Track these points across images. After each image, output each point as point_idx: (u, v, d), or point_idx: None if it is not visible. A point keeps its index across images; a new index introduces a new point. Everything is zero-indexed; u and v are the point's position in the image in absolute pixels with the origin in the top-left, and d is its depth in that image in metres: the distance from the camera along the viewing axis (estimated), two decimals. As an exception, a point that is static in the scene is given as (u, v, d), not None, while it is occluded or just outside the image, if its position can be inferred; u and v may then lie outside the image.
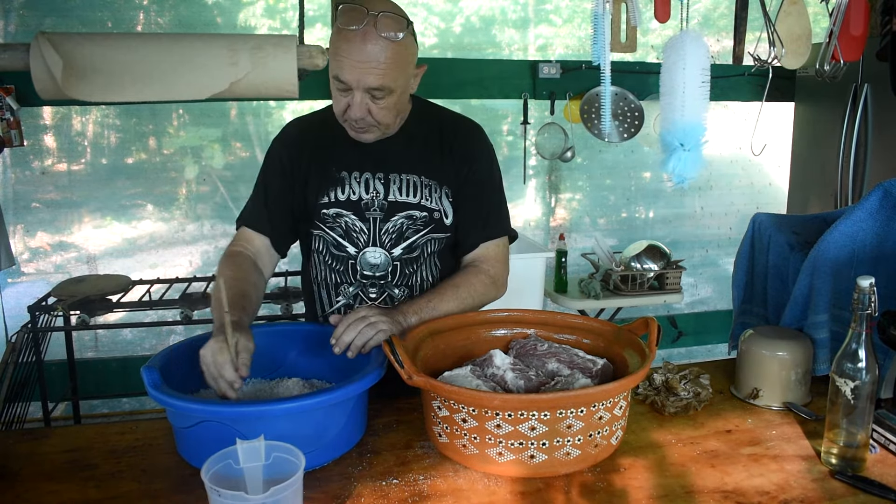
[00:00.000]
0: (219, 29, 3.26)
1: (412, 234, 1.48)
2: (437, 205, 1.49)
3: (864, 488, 1.11)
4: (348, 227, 1.48)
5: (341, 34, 1.31)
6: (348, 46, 1.30)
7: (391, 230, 1.47)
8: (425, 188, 1.49)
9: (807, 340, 1.44)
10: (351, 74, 1.31)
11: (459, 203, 1.52)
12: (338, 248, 1.49)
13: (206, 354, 1.18)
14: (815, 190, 3.55)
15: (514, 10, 3.61)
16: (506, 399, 1.08)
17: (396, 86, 1.36)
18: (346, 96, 1.36)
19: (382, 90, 1.34)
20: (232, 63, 2.39)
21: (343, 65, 1.31)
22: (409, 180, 1.48)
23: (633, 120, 3.55)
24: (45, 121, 3.19)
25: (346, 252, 1.49)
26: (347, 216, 1.47)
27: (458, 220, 1.52)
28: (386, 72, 1.32)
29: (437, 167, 1.50)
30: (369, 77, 1.31)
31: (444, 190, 1.50)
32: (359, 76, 1.31)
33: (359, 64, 1.30)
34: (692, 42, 1.78)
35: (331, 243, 1.50)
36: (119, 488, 1.11)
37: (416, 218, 1.48)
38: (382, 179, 1.48)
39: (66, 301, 2.67)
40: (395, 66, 1.33)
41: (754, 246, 1.77)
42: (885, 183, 1.42)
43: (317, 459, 1.14)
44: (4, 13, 3.01)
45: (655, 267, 3.39)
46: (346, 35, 1.30)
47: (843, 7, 2.35)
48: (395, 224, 1.47)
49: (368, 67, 1.30)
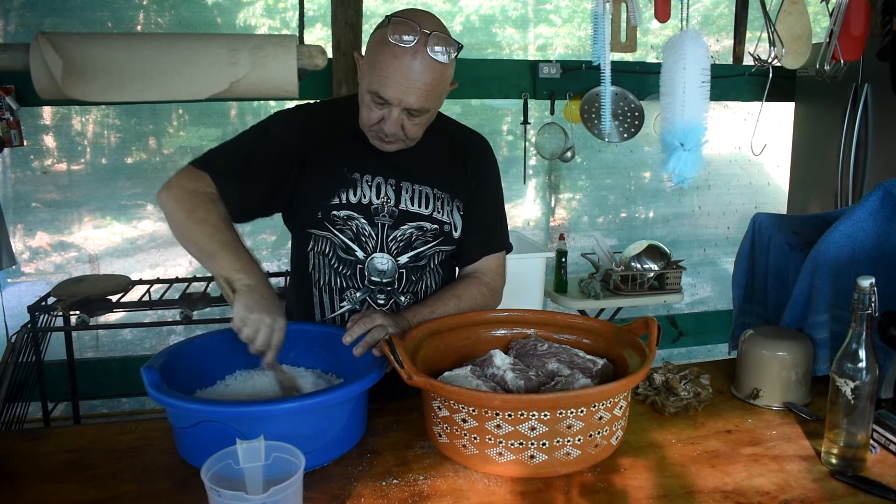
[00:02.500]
0: (219, 29, 3.26)
1: (420, 245, 1.46)
2: (449, 218, 1.48)
3: (864, 488, 1.11)
4: (358, 231, 1.43)
5: (388, 48, 1.25)
6: (395, 63, 1.25)
7: (399, 238, 1.45)
8: (438, 200, 1.47)
9: (807, 340, 1.44)
10: (394, 93, 1.27)
11: (466, 216, 1.52)
12: (346, 251, 1.44)
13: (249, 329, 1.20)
14: (815, 190, 3.55)
15: (514, 7, 3.61)
16: (506, 399, 1.08)
17: (433, 106, 1.34)
18: (381, 109, 1.32)
19: (421, 111, 1.31)
20: (232, 63, 2.39)
21: (387, 82, 1.26)
22: (421, 191, 1.46)
23: (633, 120, 3.55)
24: (45, 121, 3.19)
25: (354, 256, 1.44)
26: (358, 219, 1.43)
27: (463, 231, 1.52)
28: (429, 93, 1.29)
29: (450, 180, 1.49)
30: (411, 97, 1.28)
31: (456, 203, 1.50)
32: (402, 95, 1.27)
33: (404, 82, 1.26)
34: (692, 42, 1.78)
35: (339, 246, 1.45)
36: (119, 488, 1.10)
37: (427, 230, 1.46)
38: (394, 186, 1.45)
39: (66, 301, 2.67)
40: (438, 88, 1.31)
41: (754, 246, 1.77)
42: (886, 183, 1.42)
43: (317, 459, 1.14)
44: (4, 13, 3.01)
45: (655, 267, 3.39)
46: (395, 51, 1.25)
47: (843, 7, 2.35)
48: (404, 233, 1.45)
49: (413, 87, 1.27)
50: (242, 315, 1.20)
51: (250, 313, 1.20)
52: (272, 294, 1.26)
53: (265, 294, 1.24)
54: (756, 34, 2.48)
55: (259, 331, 1.21)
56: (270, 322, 1.21)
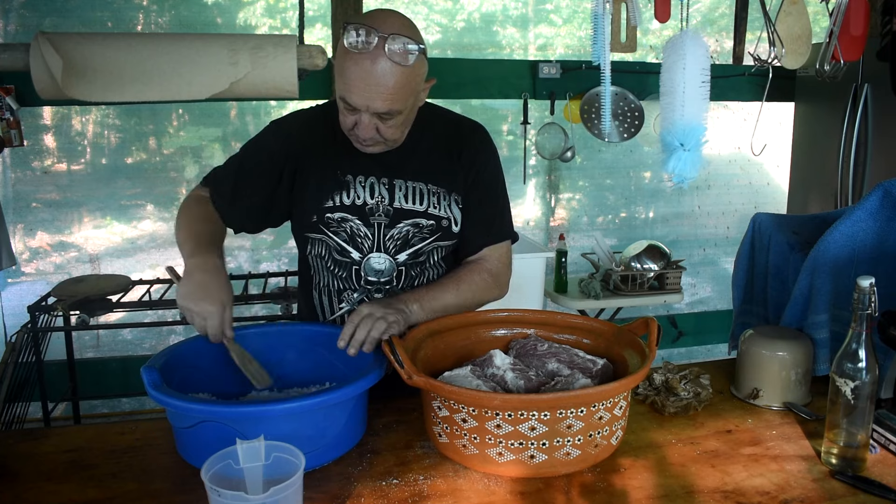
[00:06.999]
0: (219, 29, 3.26)
1: (418, 242, 1.46)
2: (446, 212, 1.47)
3: (864, 488, 1.11)
4: (353, 232, 1.43)
5: (349, 55, 1.23)
6: (356, 69, 1.23)
7: (396, 237, 1.44)
8: (433, 196, 1.46)
9: (807, 340, 1.44)
10: (359, 99, 1.25)
11: (465, 207, 1.50)
12: (341, 253, 1.45)
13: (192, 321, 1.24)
14: (815, 190, 3.55)
15: (514, 6, 3.62)
16: (506, 399, 1.08)
17: (405, 107, 1.31)
18: (352, 115, 1.31)
19: (391, 113, 1.29)
20: (232, 63, 2.39)
21: (351, 88, 1.25)
22: (415, 187, 1.45)
23: (633, 120, 3.55)
24: (45, 121, 3.19)
25: (349, 258, 1.45)
26: (353, 221, 1.43)
27: (463, 223, 1.50)
28: (395, 96, 1.26)
29: (445, 174, 1.47)
30: (377, 102, 1.26)
31: (454, 197, 1.48)
32: (367, 101, 1.26)
33: (367, 87, 1.24)
34: (692, 42, 1.79)
35: (334, 248, 1.45)
36: (119, 488, 1.10)
37: (423, 226, 1.45)
38: (387, 185, 1.44)
39: (66, 301, 2.67)
40: (405, 90, 1.27)
41: (754, 246, 1.77)
42: (885, 183, 1.42)
43: (317, 459, 1.14)
44: (4, 13, 3.01)
45: (655, 267, 3.39)
46: (355, 57, 1.23)
47: (843, 7, 2.35)
48: (401, 231, 1.44)
49: (377, 92, 1.25)
50: (180, 304, 1.25)
51: (185, 302, 1.24)
52: (213, 277, 1.27)
53: (201, 280, 1.26)
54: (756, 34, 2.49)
55: (195, 322, 1.25)
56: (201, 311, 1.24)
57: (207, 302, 1.23)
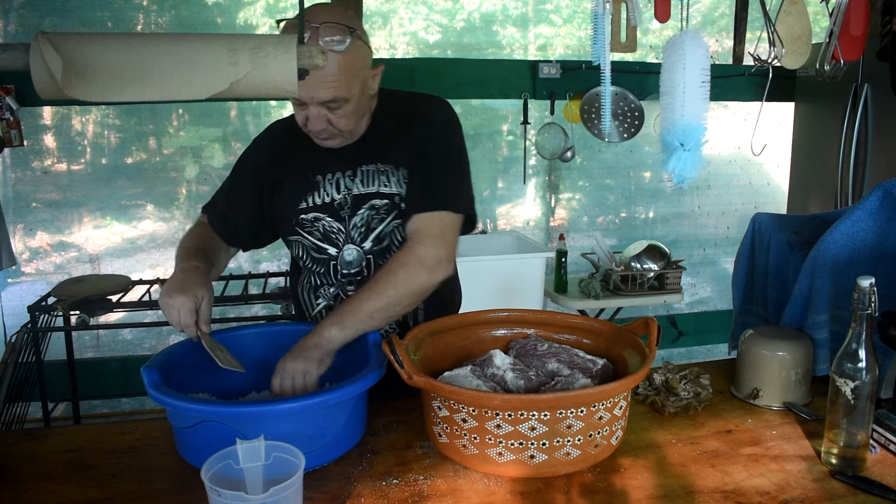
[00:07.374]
0: (219, 29, 3.26)
1: (378, 224, 1.46)
2: (396, 188, 1.44)
3: (864, 488, 1.11)
4: (326, 230, 1.47)
5: None
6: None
7: (359, 224, 1.46)
8: (382, 174, 1.45)
9: (807, 340, 1.44)
10: (302, 91, 1.27)
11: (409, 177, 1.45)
12: (317, 251, 1.49)
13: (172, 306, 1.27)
14: (815, 190, 3.55)
15: (514, 6, 3.62)
16: (506, 399, 1.08)
17: (351, 94, 1.33)
18: (303, 110, 1.35)
19: (336, 101, 1.32)
20: (232, 63, 2.38)
21: None
22: (368, 170, 1.46)
23: (633, 120, 3.55)
24: (45, 121, 3.19)
25: (326, 254, 1.48)
26: (325, 219, 1.47)
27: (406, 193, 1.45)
28: (336, 83, 1.30)
29: (395, 150, 1.45)
30: (320, 91, 1.29)
31: (402, 172, 1.45)
32: (309, 91, 1.29)
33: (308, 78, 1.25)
34: (692, 42, 1.79)
35: (310, 248, 1.49)
36: (119, 488, 1.11)
37: (378, 207, 1.45)
38: (351, 176, 1.46)
39: (66, 301, 2.67)
40: (346, 76, 1.30)
41: (754, 246, 1.77)
42: (885, 183, 1.42)
43: (317, 459, 1.14)
44: (4, 13, 3.01)
45: (655, 267, 3.39)
46: None
47: (843, 7, 2.35)
48: (363, 217, 1.46)
49: (318, 82, 1.28)
50: (159, 301, 1.29)
51: (161, 297, 1.28)
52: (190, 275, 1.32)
53: (179, 277, 1.31)
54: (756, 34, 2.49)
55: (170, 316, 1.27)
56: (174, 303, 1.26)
57: (181, 294, 1.27)
